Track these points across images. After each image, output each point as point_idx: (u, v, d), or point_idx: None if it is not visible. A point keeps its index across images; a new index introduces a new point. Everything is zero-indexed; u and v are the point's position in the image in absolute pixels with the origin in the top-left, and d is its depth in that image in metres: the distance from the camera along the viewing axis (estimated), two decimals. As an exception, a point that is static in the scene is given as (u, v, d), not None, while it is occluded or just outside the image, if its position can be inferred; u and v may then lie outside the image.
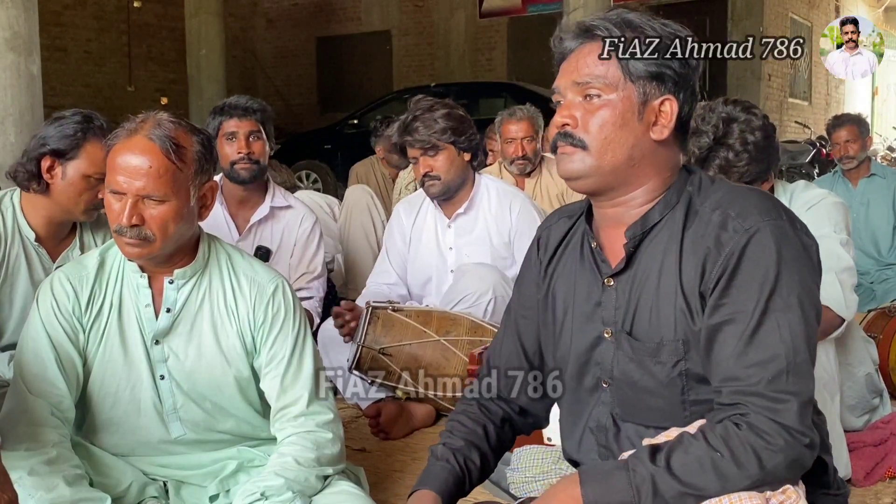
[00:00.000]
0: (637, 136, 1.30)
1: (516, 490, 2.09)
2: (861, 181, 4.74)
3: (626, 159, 1.30)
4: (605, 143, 1.30)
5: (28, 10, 4.74)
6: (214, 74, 10.61)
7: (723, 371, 1.20)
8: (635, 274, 1.31)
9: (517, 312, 1.54)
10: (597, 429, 1.39)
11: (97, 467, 1.78)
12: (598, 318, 1.36)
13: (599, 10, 7.59)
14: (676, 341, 1.27)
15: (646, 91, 1.29)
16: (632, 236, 1.31)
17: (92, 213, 2.33)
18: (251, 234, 3.05)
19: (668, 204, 1.31)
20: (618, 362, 1.33)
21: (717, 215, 1.25)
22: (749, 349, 1.18)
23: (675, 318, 1.26)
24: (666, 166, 1.32)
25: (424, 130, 2.89)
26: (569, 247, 1.44)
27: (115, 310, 1.79)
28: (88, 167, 2.24)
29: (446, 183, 2.95)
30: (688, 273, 1.25)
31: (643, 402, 1.32)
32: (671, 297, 1.27)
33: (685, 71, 1.30)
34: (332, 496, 1.73)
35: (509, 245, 3.07)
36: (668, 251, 1.28)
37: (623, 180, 1.31)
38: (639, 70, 1.28)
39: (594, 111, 1.30)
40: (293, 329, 1.83)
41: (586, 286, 1.38)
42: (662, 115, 1.30)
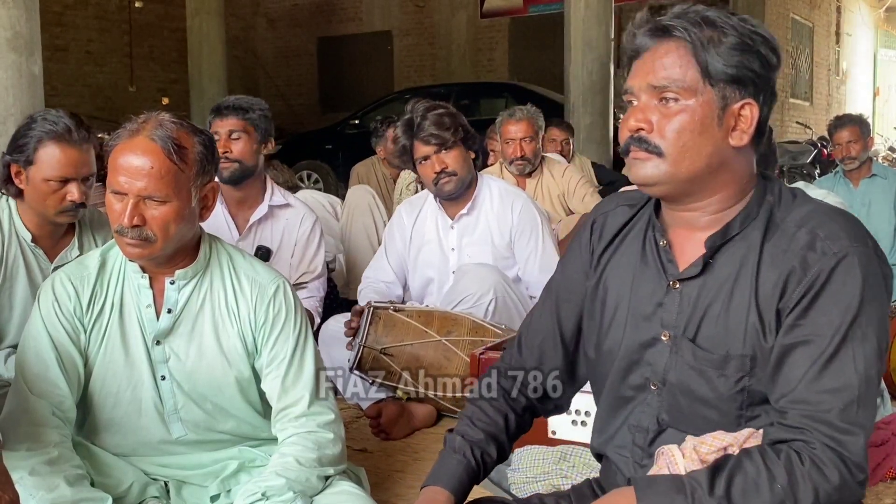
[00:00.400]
0: (716, 143, 1.24)
1: (517, 490, 2.09)
2: (862, 182, 4.75)
3: (703, 167, 1.24)
4: (682, 151, 1.24)
5: (29, 10, 4.73)
6: (215, 75, 10.62)
7: (792, 392, 1.17)
8: (706, 281, 1.27)
9: (559, 295, 1.47)
10: (636, 428, 1.35)
11: (98, 467, 1.78)
12: (657, 318, 1.31)
13: (601, 10, 7.61)
14: (744, 356, 1.22)
15: (725, 95, 1.22)
16: (711, 246, 1.26)
17: (68, 215, 2.31)
18: (251, 233, 3.05)
19: (749, 215, 1.26)
20: (674, 368, 1.29)
21: (804, 234, 1.20)
22: (823, 375, 1.15)
23: (746, 332, 1.22)
24: (744, 173, 1.27)
25: (437, 128, 2.91)
26: (628, 238, 1.38)
27: (116, 310, 1.79)
28: (47, 171, 2.23)
29: (461, 179, 2.97)
30: (765, 287, 1.21)
31: (696, 411, 1.28)
32: (744, 309, 1.23)
33: (766, 72, 1.23)
34: (333, 496, 1.73)
35: (511, 245, 3.07)
36: (745, 262, 1.24)
37: (700, 188, 1.26)
38: (718, 72, 1.21)
39: (671, 116, 1.24)
40: (294, 329, 1.83)
41: (647, 284, 1.33)
42: (742, 120, 1.23)
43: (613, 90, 7.89)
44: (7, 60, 4.64)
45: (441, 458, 1.42)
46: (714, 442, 1.22)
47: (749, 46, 1.22)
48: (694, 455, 1.22)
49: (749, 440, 1.22)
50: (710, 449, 1.22)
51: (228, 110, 2.98)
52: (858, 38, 17.40)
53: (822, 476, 1.11)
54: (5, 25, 4.62)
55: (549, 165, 4.42)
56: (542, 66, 12.64)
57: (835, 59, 16.29)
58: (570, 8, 7.69)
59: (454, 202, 3.06)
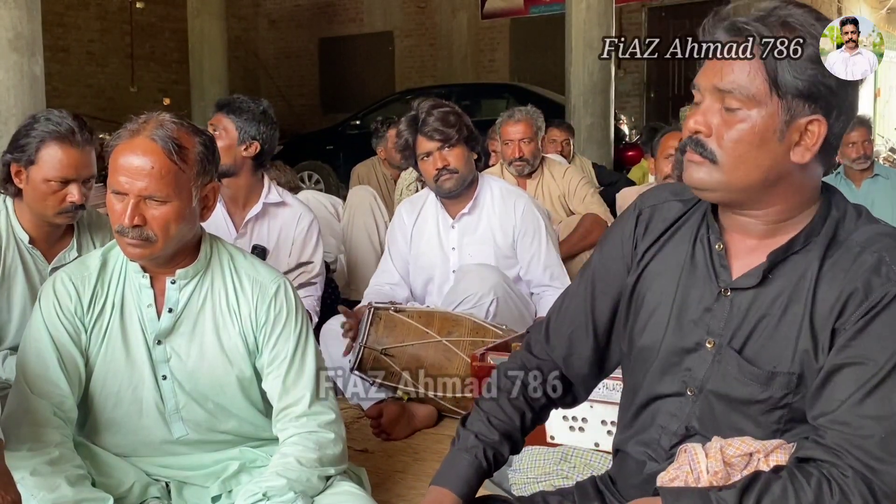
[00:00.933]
0: (775, 158, 1.18)
1: (517, 491, 2.09)
2: (865, 182, 4.75)
3: (759, 181, 1.19)
4: (737, 161, 1.19)
5: (31, 10, 4.74)
6: (217, 75, 10.62)
7: (833, 412, 1.14)
8: (760, 293, 1.23)
9: (596, 286, 1.42)
10: (664, 430, 1.32)
11: (99, 467, 1.78)
12: (703, 324, 1.27)
13: (602, 11, 7.61)
14: (791, 374, 1.20)
15: (792, 108, 1.16)
16: (773, 261, 1.22)
17: (67, 216, 2.31)
18: (248, 231, 3.05)
19: (812, 231, 1.21)
20: (715, 376, 1.26)
21: (870, 256, 1.17)
22: (868, 400, 1.12)
23: (796, 350, 1.19)
24: (806, 188, 1.22)
25: (441, 124, 2.92)
26: (677, 235, 1.33)
27: (117, 310, 1.79)
28: (48, 171, 2.23)
29: (462, 177, 2.98)
30: (822, 306, 1.18)
31: (731, 421, 1.25)
32: (797, 326, 1.19)
33: (842, 88, 1.16)
34: (333, 497, 1.73)
35: (513, 245, 3.07)
36: (804, 278, 1.20)
37: (755, 199, 1.22)
38: (787, 84, 1.14)
39: (732, 124, 1.18)
40: (295, 329, 1.83)
41: (695, 287, 1.29)
42: (808, 136, 1.17)
43: (614, 91, 7.89)
44: (9, 61, 4.65)
45: (452, 456, 1.39)
46: (741, 446, 1.20)
47: (819, 65, 1.15)
48: (719, 455, 1.20)
49: (777, 450, 1.20)
50: (736, 452, 1.20)
51: (222, 106, 3.00)
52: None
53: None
54: (7, 26, 4.62)
55: (549, 166, 4.41)
56: (543, 67, 12.64)
57: (836, 60, 16.24)
58: (571, 9, 7.69)
59: (455, 201, 3.06)
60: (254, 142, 2.98)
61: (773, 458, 1.20)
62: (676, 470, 1.23)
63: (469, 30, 13.70)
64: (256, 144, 2.98)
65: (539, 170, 4.35)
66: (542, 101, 8.16)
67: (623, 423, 1.43)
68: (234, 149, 2.95)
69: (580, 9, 7.61)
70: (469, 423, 1.42)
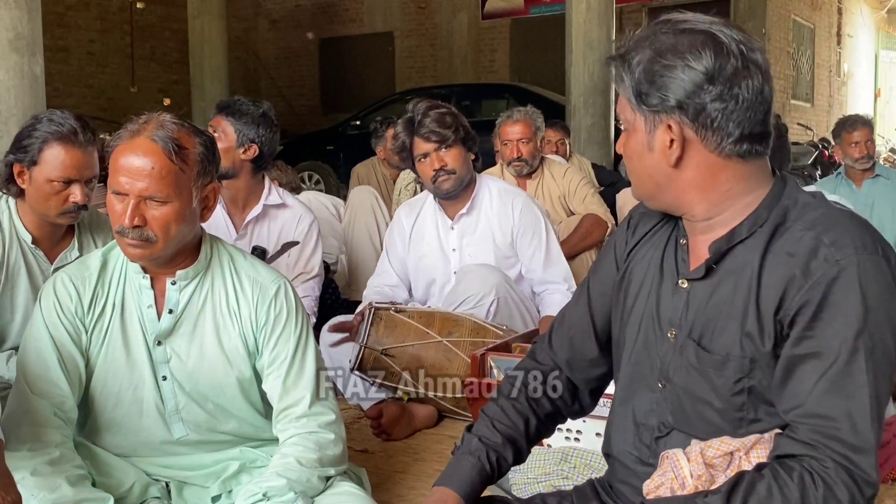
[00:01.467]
0: (654, 166, 1.27)
1: (518, 491, 2.09)
2: (865, 182, 4.75)
3: (653, 188, 1.30)
4: (632, 175, 1.32)
5: (31, 11, 4.74)
6: (217, 75, 10.62)
7: (802, 405, 1.15)
8: (713, 283, 1.27)
9: (593, 291, 1.49)
10: (643, 426, 1.35)
11: (100, 468, 1.78)
12: (666, 317, 1.33)
13: (602, 11, 7.61)
14: (743, 358, 1.22)
15: (650, 119, 1.25)
16: (715, 251, 1.26)
17: (69, 217, 2.31)
18: (247, 232, 3.05)
19: (757, 220, 1.24)
20: (678, 368, 1.29)
21: (809, 238, 1.18)
22: (834, 389, 1.13)
23: (743, 335, 1.22)
24: (712, 185, 1.25)
25: (438, 125, 2.93)
26: (657, 235, 1.40)
27: (117, 310, 1.79)
28: (51, 171, 2.23)
29: (460, 177, 2.98)
30: (766, 291, 1.20)
31: (699, 412, 1.28)
32: (744, 312, 1.22)
33: (683, 89, 1.21)
34: (334, 497, 1.73)
35: (512, 244, 3.07)
36: (750, 266, 1.23)
37: (670, 204, 1.30)
38: (639, 102, 1.25)
39: (624, 144, 1.32)
40: (295, 330, 1.83)
41: (663, 282, 1.35)
42: (676, 141, 1.24)
43: (614, 92, 7.88)
44: (9, 61, 4.65)
45: (456, 459, 1.42)
46: (721, 446, 1.21)
47: (658, 75, 1.22)
48: (700, 459, 1.21)
49: (756, 446, 1.21)
50: (717, 453, 1.21)
51: (221, 108, 3.01)
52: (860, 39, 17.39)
53: (834, 497, 1.09)
54: (7, 26, 4.62)
55: (549, 166, 4.41)
56: (544, 68, 12.64)
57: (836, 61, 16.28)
58: (572, 9, 7.69)
59: (453, 202, 3.06)
60: (252, 145, 2.97)
61: (754, 455, 1.20)
62: (661, 477, 1.23)
63: (469, 30, 13.70)
64: (255, 147, 2.98)
65: (539, 170, 4.35)
66: (542, 102, 8.16)
67: (608, 424, 1.45)
68: (232, 151, 2.95)
69: (580, 9, 7.60)
70: (474, 428, 1.45)
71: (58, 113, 2.29)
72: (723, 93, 1.21)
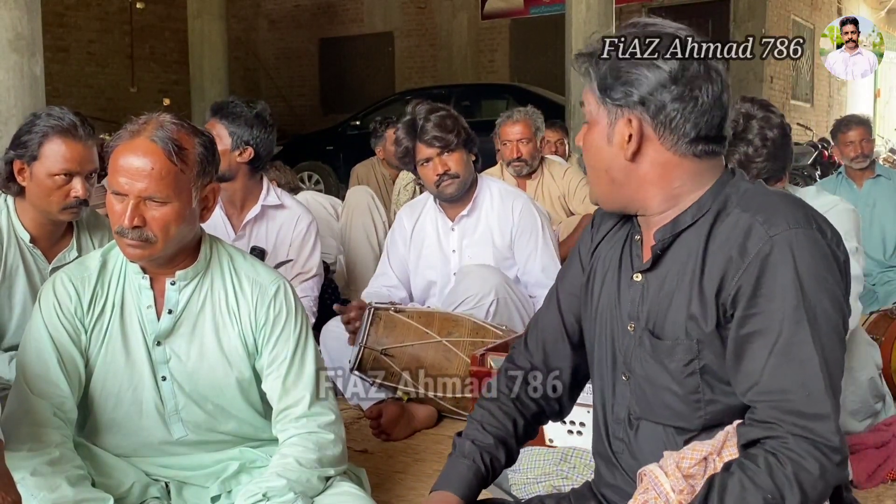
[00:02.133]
0: (610, 159, 1.31)
1: (517, 491, 2.09)
2: (866, 182, 4.75)
3: (608, 182, 1.33)
4: (590, 169, 1.36)
5: (31, 11, 4.74)
6: (217, 76, 10.62)
7: (756, 384, 1.18)
8: (663, 273, 1.31)
9: (562, 292, 1.52)
10: (616, 421, 1.39)
11: (99, 468, 1.78)
12: (625, 310, 1.36)
13: (602, 12, 7.61)
14: (690, 340, 1.26)
15: (612, 112, 1.29)
16: (661, 238, 1.30)
17: (71, 212, 2.30)
18: (246, 233, 3.05)
19: (701, 208, 1.28)
20: (637, 358, 1.33)
21: (745, 220, 1.22)
22: (783, 363, 1.16)
23: (688, 319, 1.26)
24: (667, 180, 1.29)
25: (440, 130, 2.93)
26: (617, 234, 1.43)
27: (116, 311, 1.79)
28: (52, 165, 2.23)
29: (463, 181, 2.98)
30: (709, 275, 1.24)
31: (659, 399, 1.31)
32: (688, 297, 1.26)
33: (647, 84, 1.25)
34: (333, 497, 1.73)
35: (511, 245, 3.07)
36: (693, 255, 1.27)
37: (626, 200, 1.33)
38: (603, 95, 1.29)
39: (583, 137, 1.35)
40: (295, 330, 1.83)
41: (622, 277, 1.38)
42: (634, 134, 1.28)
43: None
44: (9, 61, 4.65)
45: (450, 463, 1.44)
46: (693, 454, 1.22)
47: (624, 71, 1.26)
48: (678, 473, 1.22)
49: (726, 444, 1.21)
50: (691, 462, 1.22)
51: (216, 111, 2.99)
52: (859, 39, 17.36)
53: (804, 469, 1.12)
54: (7, 26, 4.62)
55: (549, 167, 4.41)
56: (544, 68, 12.64)
57: (836, 61, 16.25)
58: (572, 9, 7.69)
59: (454, 203, 3.07)
60: (247, 147, 2.96)
61: (727, 453, 1.21)
62: (643, 495, 1.24)
63: (469, 30, 13.70)
64: (250, 150, 2.96)
65: (539, 170, 4.35)
66: (542, 102, 8.16)
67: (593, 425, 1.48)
68: (228, 154, 2.93)
69: (580, 9, 7.60)
70: (464, 433, 1.48)
71: (56, 109, 2.30)
72: (683, 94, 1.25)
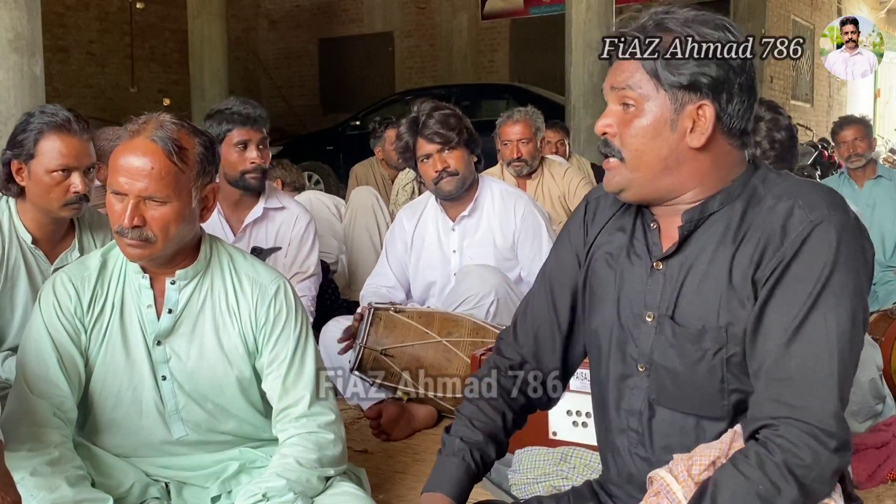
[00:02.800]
0: (671, 146, 1.27)
1: (517, 491, 2.09)
2: (867, 183, 4.74)
3: (661, 170, 1.28)
4: (637, 156, 1.28)
5: (31, 11, 4.74)
6: (217, 76, 10.61)
7: (765, 362, 1.18)
8: (686, 259, 1.29)
9: (553, 280, 1.50)
10: (629, 412, 1.36)
11: (99, 468, 1.78)
12: (641, 300, 1.33)
13: (602, 12, 7.61)
14: (720, 328, 1.24)
15: (679, 99, 1.25)
16: (688, 220, 1.28)
17: (72, 208, 2.30)
18: (245, 234, 3.06)
19: (730, 195, 1.27)
20: (658, 347, 1.30)
21: (784, 203, 1.22)
22: (793, 342, 1.16)
23: (720, 304, 1.24)
24: (715, 168, 1.28)
25: (442, 127, 2.93)
26: (620, 221, 1.40)
27: (116, 310, 1.79)
28: (49, 162, 2.23)
29: (462, 179, 2.98)
30: (742, 259, 1.23)
31: (681, 388, 1.29)
32: (719, 282, 1.24)
33: (723, 72, 1.24)
34: (333, 497, 1.73)
35: (513, 247, 3.07)
36: (724, 239, 1.26)
37: (665, 189, 1.29)
38: (670, 79, 1.24)
39: (629, 122, 1.28)
40: (295, 329, 1.83)
41: (635, 267, 1.35)
42: (700, 121, 1.25)
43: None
44: (9, 61, 4.65)
45: (440, 462, 1.43)
46: (702, 460, 1.21)
47: (704, 54, 1.23)
48: (687, 478, 1.21)
49: (733, 445, 1.21)
50: (701, 468, 1.21)
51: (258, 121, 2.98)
52: (859, 39, 17.36)
53: (795, 457, 1.11)
54: (7, 26, 4.62)
55: (549, 167, 4.41)
56: (544, 68, 12.63)
57: (836, 61, 16.25)
58: (572, 9, 7.69)
59: (455, 203, 3.07)
60: None
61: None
62: (654, 498, 1.23)
63: (469, 30, 13.69)
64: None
65: (539, 170, 4.35)
66: (542, 102, 8.16)
67: (597, 419, 1.46)
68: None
69: (580, 9, 7.60)
70: (453, 429, 1.46)
71: (49, 106, 2.31)
72: (745, 85, 1.26)
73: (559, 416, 2.23)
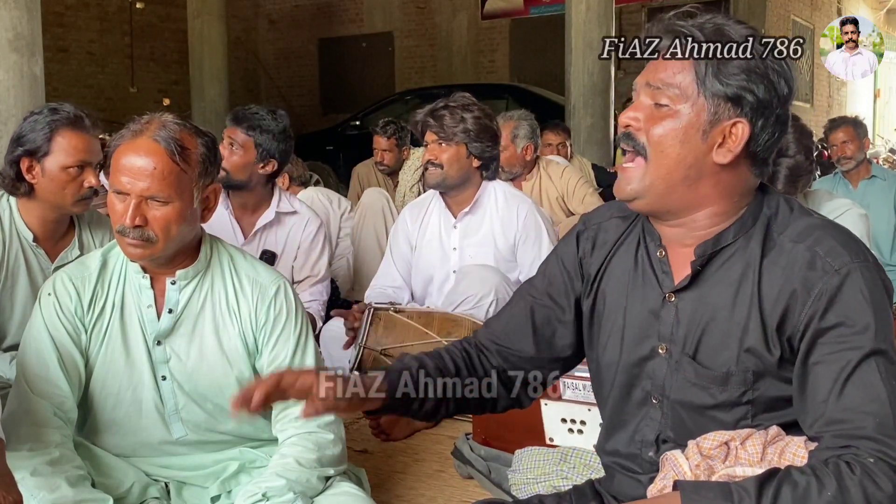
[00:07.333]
0: (697, 156, 1.23)
1: (517, 491, 2.09)
2: (861, 183, 4.75)
3: (681, 178, 1.24)
4: (662, 156, 1.24)
5: (31, 11, 4.74)
6: (216, 76, 10.61)
7: (822, 416, 1.15)
8: (703, 295, 1.26)
9: (535, 298, 1.45)
10: (642, 443, 1.34)
11: (99, 468, 1.79)
12: (654, 331, 1.30)
13: (602, 12, 7.61)
14: (746, 372, 1.22)
15: (718, 110, 1.21)
16: (701, 254, 1.25)
17: (84, 203, 2.32)
18: (256, 238, 3.06)
19: (743, 226, 1.25)
20: (675, 383, 1.28)
21: (803, 251, 1.20)
22: (848, 392, 1.13)
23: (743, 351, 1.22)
24: (732, 191, 1.25)
25: (448, 121, 2.93)
26: (622, 248, 1.37)
27: (117, 310, 1.80)
28: (65, 158, 2.25)
29: (445, 175, 2.97)
30: (769, 307, 1.21)
31: (701, 424, 1.26)
32: (744, 328, 1.22)
33: (770, 98, 1.21)
34: (333, 497, 1.74)
35: (514, 249, 3.07)
36: (745, 280, 1.23)
37: (681, 202, 1.26)
38: (714, 86, 1.21)
39: (659, 119, 1.24)
40: (295, 330, 1.83)
41: (643, 296, 1.32)
42: (731, 138, 1.22)
43: (614, 92, 7.89)
44: (8, 61, 4.65)
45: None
46: (716, 437, 1.22)
47: (758, 71, 1.20)
48: (696, 451, 1.22)
49: (751, 437, 1.21)
50: (712, 444, 1.21)
51: (241, 120, 2.97)
52: (859, 39, 17.36)
53: (874, 484, 1.07)
54: (7, 26, 4.62)
55: (547, 167, 4.40)
56: (543, 68, 12.63)
57: (835, 61, 16.25)
58: (571, 9, 7.69)
59: (455, 199, 3.07)
60: (272, 160, 2.99)
61: (750, 444, 1.21)
62: (662, 480, 1.23)
63: (469, 30, 13.70)
64: (274, 162, 3.00)
65: (535, 171, 4.34)
66: (541, 102, 8.17)
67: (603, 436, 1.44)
68: (251, 166, 2.96)
69: (580, 9, 7.60)
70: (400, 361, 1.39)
71: (55, 104, 2.31)
72: (782, 117, 1.24)
73: (555, 423, 2.24)
